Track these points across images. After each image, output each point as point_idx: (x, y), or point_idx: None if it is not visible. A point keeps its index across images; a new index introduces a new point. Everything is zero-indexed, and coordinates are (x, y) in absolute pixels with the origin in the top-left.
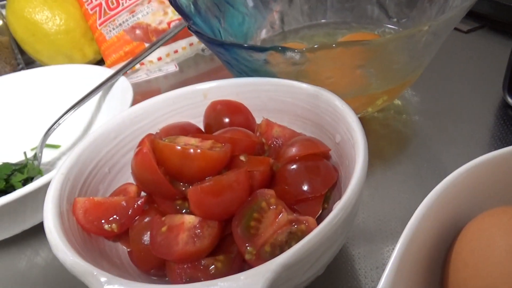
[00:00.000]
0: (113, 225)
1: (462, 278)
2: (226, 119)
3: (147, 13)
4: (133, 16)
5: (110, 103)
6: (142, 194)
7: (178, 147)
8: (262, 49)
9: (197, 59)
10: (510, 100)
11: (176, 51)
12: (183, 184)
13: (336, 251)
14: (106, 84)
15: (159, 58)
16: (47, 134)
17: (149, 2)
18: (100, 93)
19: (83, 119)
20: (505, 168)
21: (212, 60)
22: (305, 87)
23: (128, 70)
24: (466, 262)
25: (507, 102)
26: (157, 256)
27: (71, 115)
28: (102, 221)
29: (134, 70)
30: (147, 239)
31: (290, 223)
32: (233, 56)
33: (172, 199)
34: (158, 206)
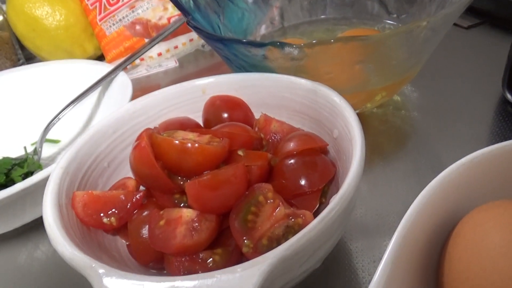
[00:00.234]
0: (112, 219)
1: (457, 272)
2: (225, 114)
3: (147, 9)
4: (133, 12)
5: (110, 99)
6: (141, 188)
7: (176, 142)
8: (261, 45)
9: (197, 55)
10: (510, 97)
11: (176, 47)
12: (181, 178)
13: (333, 245)
14: (106, 80)
15: (159, 54)
16: (47, 129)
17: None
18: (100, 89)
19: (83, 114)
20: (501, 163)
21: (212, 56)
22: (304, 83)
23: (128, 66)
24: (461, 256)
25: (507, 99)
26: (156, 249)
27: (71, 110)
28: (101, 215)
29: (134, 66)
30: (146, 233)
31: (287, 217)
32: (232, 52)
33: (170, 193)
34: (157, 200)
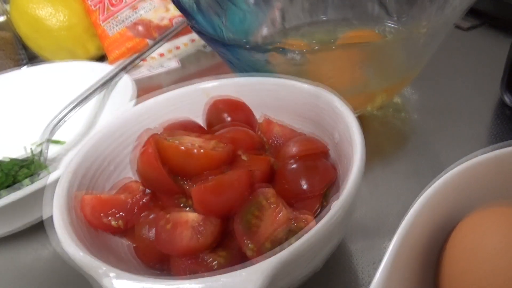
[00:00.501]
0: (119, 222)
1: (455, 273)
2: (228, 117)
3: (149, 10)
4: (136, 13)
5: (113, 100)
6: (146, 191)
7: (182, 147)
8: (264, 50)
9: (199, 55)
10: (507, 100)
11: (178, 47)
12: (187, 183)
13: (334, 248)
14: (110, 82)
15: (161, 54)
16: (53, 131)
17: None
18: (103, 90)
19: (86, 116)
20: (499, 166)
21: (214, 56)
22: (305, 87)
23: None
24: (460, 258)
25: (504, 102)
26: (162, 252)
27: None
28: (109, 218)
29: (137, 67)
30: (152, 235)
31: (290, 221)
32: (235, 56)
33: (176, 197)
34: (162, 203)
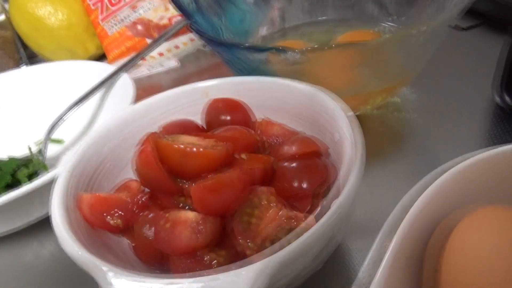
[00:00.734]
0: (118, 221)
1: (454, 275)
2: (227, 117)
3: (149, 9)
4: (135, 12)
5: (112, 100)
6: (145, 190)
7: (181, 146)
8: (262, 49)
9: (198, 55)
10: (498, 99)
11: (177, 47)
12: (185, 182)
13: (334, 247)
14: (109, 81)
15: (161, 54)
16: (52, 130)
17: None
18: (103, 90)
19: (86, 115)
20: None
21: (213, 56)
22: (304, 87)
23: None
24: (457, 260)
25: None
26: (161, 251)
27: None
28: (108, 217)
29: (136, 66)
30: (151, 234)
31: (289, 220)
32: (234, 56)
33: (174, 196)
34: (161, 202)
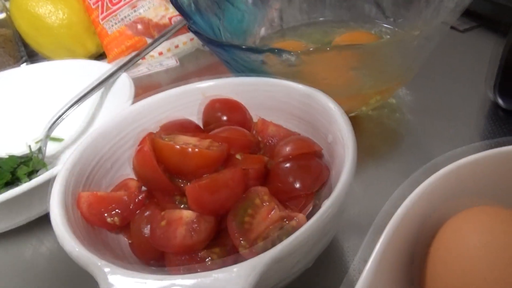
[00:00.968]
0: (115, 218)
1: (439, 273)
2: (224, 117)
3: (149, 8)
4: (135, 11)
5: (112, 99)
6: (142, 189)
7: (177, 146)
8: (259, 51)
9: (198, 54)
10: (500, 101)
11: (177, 46)
12: (182, 181)
13: (325, 245)
14: (109, 80)
15: (160, 53)
16: (51, 128)
17: None
18: (102, 89)
19: (85, 113)
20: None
21: (212, 55)
22: (300, 88)
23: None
24: (442, 258)
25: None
26: (157, 248)
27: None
28: (105, 215)
29: (136, 65)
30: (148, 232)
31: (282, 219)
32: (232, 56)
33: (171, 195)
34: (158, 201)
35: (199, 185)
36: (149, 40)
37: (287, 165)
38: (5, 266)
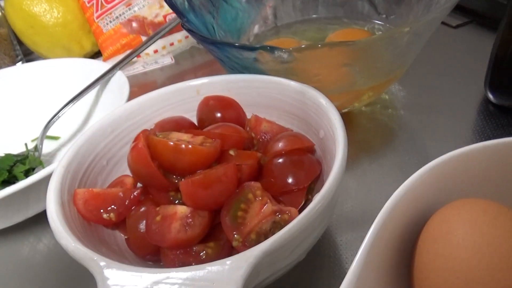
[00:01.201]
0: (111, 214)
1: (425, 263)
2: (218, 114)
3: (143, 6)
4: (130, 9)
5: (107, 97)
6: (138, 185)
7: (171, 143)
8: (252, 48)
9: (193, 52)
10: (491, 96)
11: (172, 44)
12: (176, 177)
13: (317, 238)
14: (104, 78)
15: (155, 51)
16: (47, 127)
17: None
18: (98, 86)
19: (81, 112)
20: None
21: (207, 53)
22: (293, 85)
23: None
24: (429, 249)
25: (488, 98)
26: (152, 243)
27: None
28: (101, 211)
29: (131, 63)
30: (143, 228)
31: (274, 213)
32: (225, 54)
33: (166, 191)
34: (153, 197)
35: (193, 181)
36: (144, 38)
37: (280, 161)
38: (3, 263)
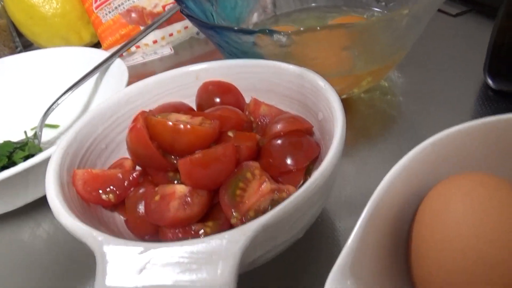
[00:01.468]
0: (110, 195)
1: (423, 237)
2: (217, 99)
3: None
4: (129, 0)
5: (106, 84)
6: (137, 168)
7: (170, 123)
8: (251, 32)
9: (192, 42)
10: (490, 81)
11: (171, 34)
12: (175, 157)
13: (315, 216)
14: (103, 66)
15: (155, 41)
16: (47, 114)
17: None
18: (97, 75)
19: (80, 99)
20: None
21: (207, 43)
22: (291, 68)
23: (124, 53)
24: (427, 223)
25: (487, 83)
26: (151, 223)
27: (69, 96)
28: (100, 191)
29: (130, 53)
30: (142, 208)
31: (273, 191)
32: (224, 39)
33: (165, 171)
34: (152, 178)
35: (192, 159)
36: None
37: (278, 142)
38: (3, 248)
